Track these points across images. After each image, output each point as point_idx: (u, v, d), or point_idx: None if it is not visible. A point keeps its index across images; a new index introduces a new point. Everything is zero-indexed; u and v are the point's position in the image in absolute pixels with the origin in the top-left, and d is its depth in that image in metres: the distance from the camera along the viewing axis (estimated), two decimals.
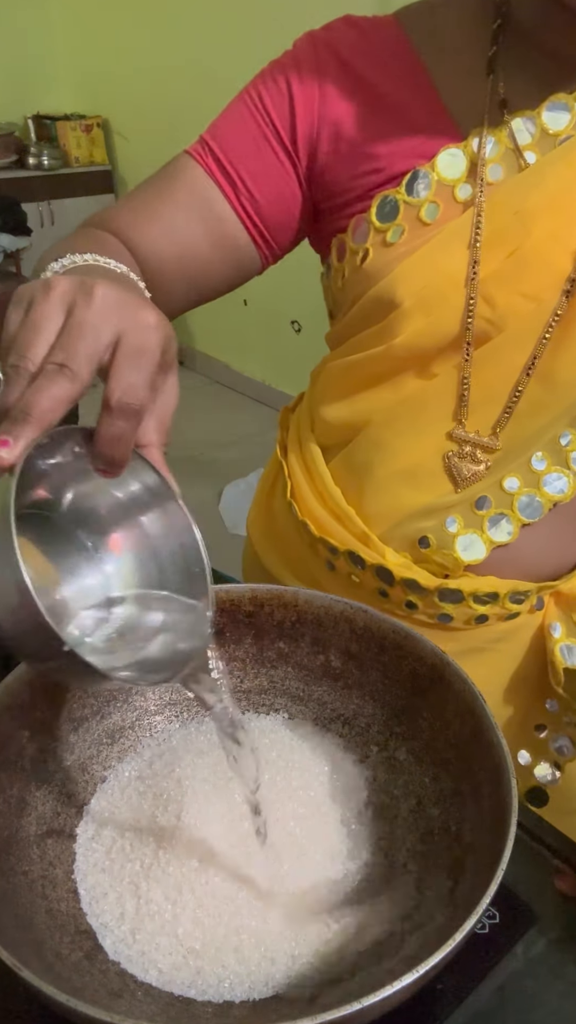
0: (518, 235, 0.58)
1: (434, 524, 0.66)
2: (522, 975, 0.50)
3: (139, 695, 0.60)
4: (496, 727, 0.47)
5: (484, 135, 0.59)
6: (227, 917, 0.46)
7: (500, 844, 0.41)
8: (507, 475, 0.64)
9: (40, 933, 0.44)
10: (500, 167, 0.59)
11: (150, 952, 0.45)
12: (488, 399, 0.62)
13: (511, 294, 0.59)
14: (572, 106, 0.57)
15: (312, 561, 0.74)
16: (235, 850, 0.49)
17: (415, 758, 0.54)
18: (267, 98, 0.64)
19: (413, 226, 0.61)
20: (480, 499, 0.65)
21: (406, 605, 0.68)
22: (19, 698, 0.52)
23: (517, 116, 0.59)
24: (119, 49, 3.79)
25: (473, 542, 0.66)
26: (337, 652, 0.59)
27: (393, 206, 0.61)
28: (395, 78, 0.62)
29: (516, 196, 0.58)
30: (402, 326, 0.61)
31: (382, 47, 0.62)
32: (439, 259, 0.60)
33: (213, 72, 3.25)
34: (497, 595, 0.66)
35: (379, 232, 0.62)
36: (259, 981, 0.44)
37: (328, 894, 0.48)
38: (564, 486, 0.64)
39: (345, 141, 0.62)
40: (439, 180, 0.60)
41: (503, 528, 0.65)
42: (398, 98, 0.61)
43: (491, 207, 0.58)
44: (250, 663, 0.61)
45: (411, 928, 0.45)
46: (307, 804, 0.52)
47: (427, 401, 0.64)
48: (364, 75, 0.62)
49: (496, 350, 0.60)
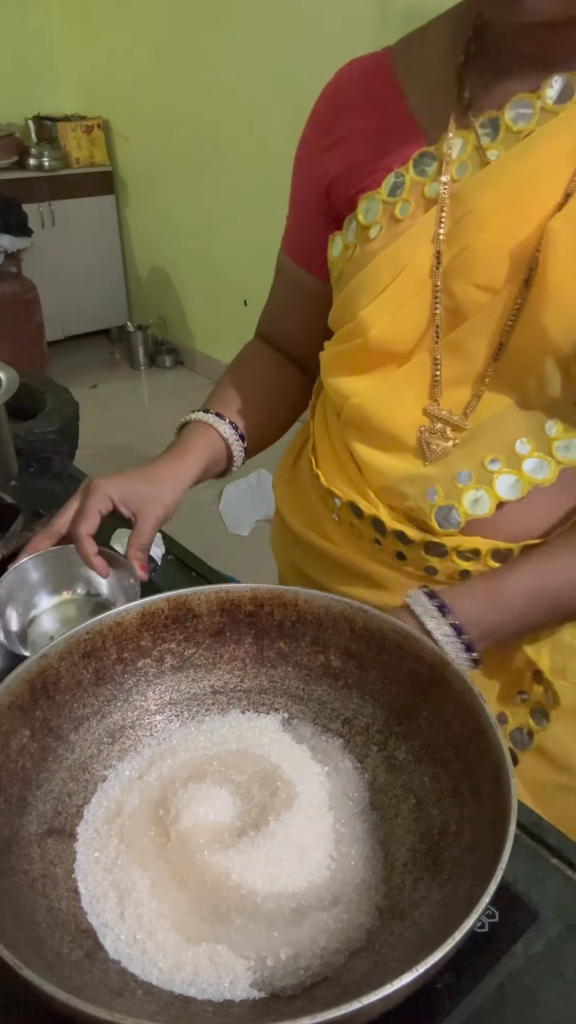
0: (471, 231, 0.62)
1: (416, 492, 0.70)
2: (521, 974, 0.50)
3: (139, 695, 0.60)
4: (496, 727, 0.47)
5: (452, 136, 0.63)
6: (227, 916, 0.46)
7: (500, 843, 0.41)
8: (489, 456, 0.67)
9: (41, 932, 0.44)
10: (466, 165, 0.63)
11: (150, 951, 0.45)
12: (459, 381, 0.67)
13: (466, 285, 0.63)
14: (535, 103, 0.60)
15: (321, 511, 0.80)
16: (235, 849, 0.49)
17: (415, 758, 0.55)
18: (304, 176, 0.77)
19: (388, 223, 0.66)
20: (460, 473, 0.68)
21: (396, 556, 0.73)
22: (19, 698, 0.52)
23: (483, 116, 0.62)
24: (119, 50, 3.79)
25: (451, 512, 0.69)
26: (337, 652, 0.59)
27: (375, 206, 0.67)
28: (377, 105, 0.69)
29: (473, 194, 0.62)
30: (374, 319, 0.66)
31: (370, 81, 0.70)
32: (404, 255, 0.65)
33: (213, 73, 3.25)
34: (479, 552, 0.69)
35: (364, 229, 0.68)
36: (259, 980, 0.44)
37: (328, 893, 0.48)
38: (546, 472, 0.66)
39: (341, 168, 0.71)
40: (411, 180, 0.65)
41: (482, 503, 0.68)
42: (379, 121, 0.69)
43: (452, 204, 0.63)
44: (250, 663, 0.61)
45: (411, 927, 0.45)
46: (307, 804, 0.52)
47: (403, 384, 0.69)
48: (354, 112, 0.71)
49: (462, 337, 0.65)
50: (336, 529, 0.78)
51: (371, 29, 2.48)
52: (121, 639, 0.58)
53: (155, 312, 4.31)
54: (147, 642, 0.59)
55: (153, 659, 0.60)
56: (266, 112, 3.03)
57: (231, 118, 3.26)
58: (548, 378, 0.62)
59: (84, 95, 4.19)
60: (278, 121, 2.99)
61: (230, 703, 0.61)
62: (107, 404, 3.77)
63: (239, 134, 3.24)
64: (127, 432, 3.43)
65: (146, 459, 0.78)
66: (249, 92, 3.10)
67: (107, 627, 0.57)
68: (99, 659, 0.57)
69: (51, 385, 1.47)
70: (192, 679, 0.61)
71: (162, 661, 0.60)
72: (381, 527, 0.72)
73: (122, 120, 4.03)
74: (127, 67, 3.80)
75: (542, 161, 0.59)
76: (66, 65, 4.22)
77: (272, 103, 2.98)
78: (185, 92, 3.47)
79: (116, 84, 3.95)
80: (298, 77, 2.79)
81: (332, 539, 0.79)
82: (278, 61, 2.90)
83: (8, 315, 3.60)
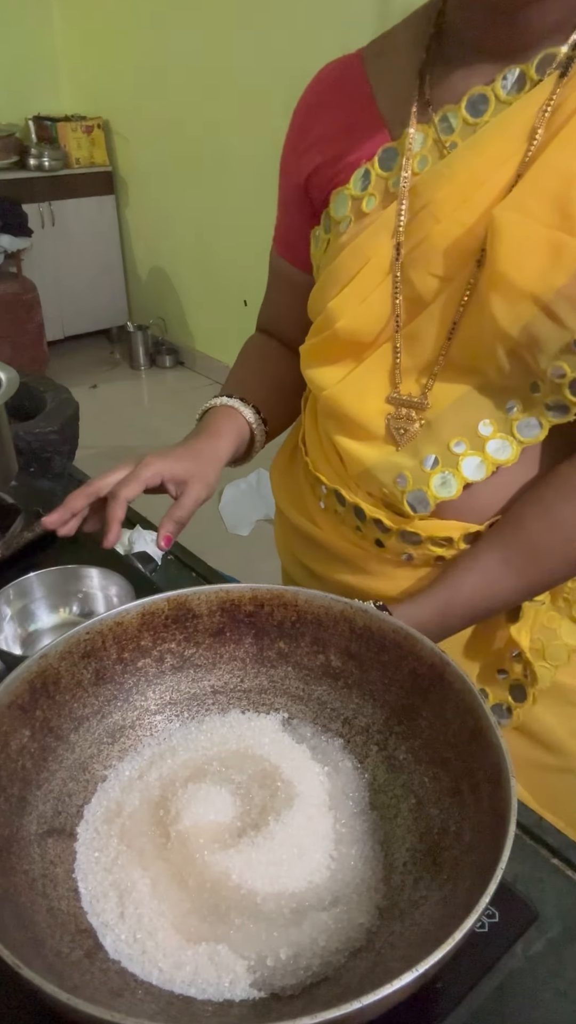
0: (427, 223, 0.64)
1: (388, 478, 0.72)
2: (521, 974, 0.50)
3: (139, 695, 0.60)
4: (496, 727, 0.47)
5: (413, 131, 0.65)
6: (227, 916, 0.46)
7: (499, 843, 0.41)
8: (454, 438, 0.69)
9: (41, 932, 0.44)
10: (427, 159, 0.65)
11: (150, 951, 0.45)
12: (417, 366, 0.69)
13: (425, 276, 0.65)
14: (490, 96, 0.63)
15: (311, 499, 0.82)
16: (235, 849, 0.49)
17: (415, 758, 0.55)
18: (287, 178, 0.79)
19: (356, 217, 0.69)
20: (427, 458, 0.70)
21: (375, 543, 0.75)
22: (20, 697, 0.52)
23: (442, 111, 0.64)
24: (119, 50, 3.79)
25: (421, 497, 0.71)
26: (337, 652, 0.59)
27: (345, 200, 0.70)
28: (348, 104, 0.71)
29: (430, 186, 0.63)
30: (341, 311, 0.69)
31: (342, 82, 0.73)
32: (368, 247, 0.67)
33: (213, 73, 3.25)
34: (452, 539, 0.72)
35: (336, 223, 0.71)
36: (259, 980, 0.44)
37: (328, 893, 0.48)
38: (508, 452, 0.68)
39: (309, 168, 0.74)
40: (377, 174, 0.67)
41: (449, 485, 0.70)
42: (350, 119, 0.71)
43: (411, 197, 0.65)
44: (250, 663, 0.61)
45: (411, 927, 0.45)
46: (307, 804, 0.52)
47: (369, 373, 0.71)
48: (328, 113, 0.73)
49: (420, 325, 0.67)
50: (323, 516, 0.81)
51: (371, 29, 2.48)
52: (121, 639, 0.58)
53: (155, 312, 4.31)
54: (147, 642, 0.59)
55: (153, 659, 0.60)
56: (266, 112, 3.03)
57: (231, 118, 3.26)
58: (502, 362, 0.64)
59: (84, 95, 4.19)
60: (278, 121, 2.98)
61: (230, 703, 0.61)
62: (107, 404, 3.77)
63: (239, 134, 3.24)
64: (127, 432, 3.43)
65: None
66: (249, 92, 3.10)
67: (107, 627, 0.57)
68: (99, 659, 0.57)
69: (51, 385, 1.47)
70: (192, 679, 0.61)
71: (162, 661, 0.60)
72: (361, 514, 0.74)
73: (122, 120, 4.03)
74: (127, 67, 3.81)
75: (493, 152, 0.61)
76: (66, 65, 4.22)
77: (272, 103, 2.98)
78: (185, 92, 3.47)
79: (116, 84, 3.95)
80: (298, 77, 2.78)
81: (320, 525, 0.81)
82: (279, 61, 2.90)
83: (8, 315, 3.60)
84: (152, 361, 4.23)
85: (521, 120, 0.60)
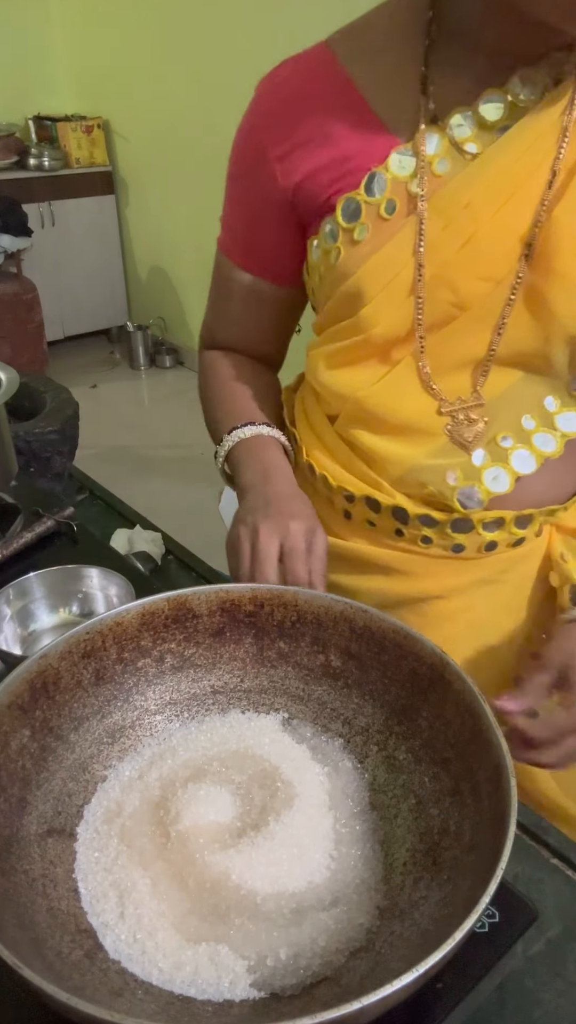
0: (469, 226, 0.63)
1: (435, 477, 0.71)
2: (521, 974, 0.50)
3: (139, 695, 0.60)
4: (496, 727, 0.47)
5: (426, 133, 0.64)
6: (227, 916, 0.46)
7: (500, 843, 0.41)
8: (501, 433, 0.70)
9: (41, 932, 0.44)
10: (446, 161, 0.64)
11: (150, 951, 0.45)
12: (462, 366, 0.69)
13: (470, 280, 0.65)
14: (505, 98, 0.63)
15: (328, 514, 0.80)
16: (235, 849, 0.49)
17: (415, 758, 0.55)
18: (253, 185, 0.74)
19: (375, 223, 0.67)
20: (475, 453, 0.71)
21: (422, 540, 0.74)
22: (20, 697, 0.52)
23: (455, 112, 0.64)
24: (119, 50, 3.79)
25: (473, 492, 0.71)
26: (337, 652, 0.59)
27: (356, 206, 0.67)
28: (334, 105, 0.68)
29: (463, 190, 0.63)
30: (377, 318, 0.68)
31: (315, 80, 0.69)
32: (400, 253, 0.66)
33: (213, 73, 3.25)
34: (503, 520, 0.72)
35: (347, 231, 0.68)
36: (259, 980, 0.44)
37: (327, 893, 0.48)
38: (553, 446, 0.71)
39: (300, 173, 0.70)
40: (393, 178, 0.66)
41: (501, 480, 0.71)
42: (338, 120, 0.68)
43: (442, 201, 0.64)
44: (250, 663, 0.61)
45: (411, 927, 0.45)
46: (307, 804, 0.52)
47: (405, 372, 0.71)
48: (305, 114, 0.69)
49: (460, 325, 0.67)
50: (347, 527, 0.79)
51: None
52: (121, 639, 0.58)
53: (155, 312, 4.31)
54: (147, 642, 0.59)
55: (153, 659, 0.60)
56: None
57: (231, 118, 3.25)
58: (553, 357, 0.66)
59: (84, 95, 4.19)
60: None
61: (230, 703, 0.61)
62: (107, 404, 3.77)
63: None
64: (127, 432, 3.43)
65: (146, 459, 0.79)
66: (249, 92, 3.09)
67: (107, 627, 0.57)
68: (99, 659, 0.57)
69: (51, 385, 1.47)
70: (192, 679, 0.61)
71: (162, 661, 0.60)
72: (403, 515, 0.73)
73: (122, 120, 4.03)
74: (127, 67, 3.80)
75: (526, 153, 0.62)
76: (66, 65, 4.22)
77: None
78: (185, 92, 3.46)
79: (116, 84, 3.95)
80: None
81: (345, 537, 0.79)
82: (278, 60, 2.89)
83: (8, 315, 3.60)
84: (152, 361, 4.23)
85: (548, 121, 0.61)
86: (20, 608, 0.81)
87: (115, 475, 2.57)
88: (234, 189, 0.77)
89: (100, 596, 0.84)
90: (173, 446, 3.26)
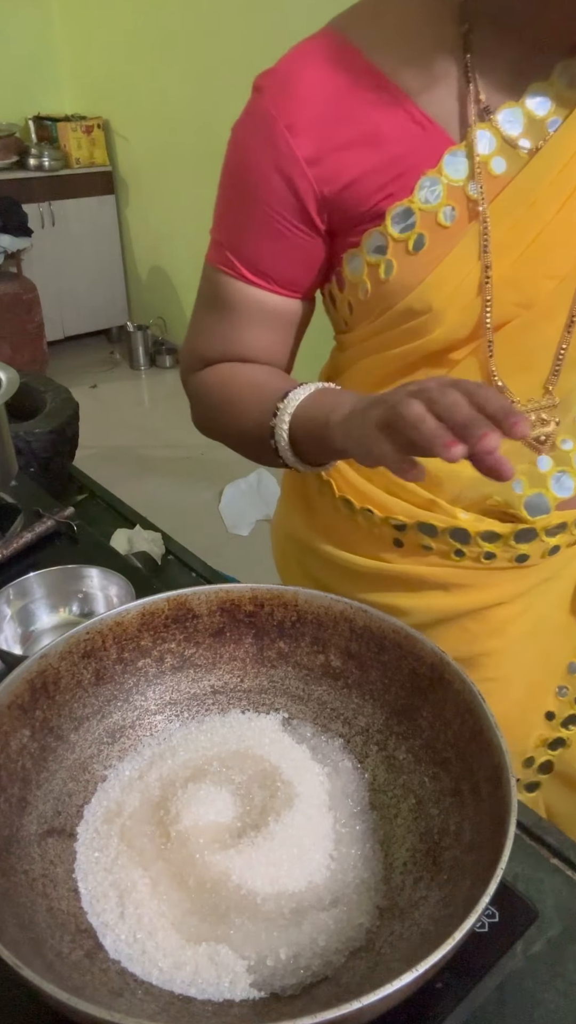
0: (535, 225, 0.61)
1: (500, 487, 0.70)
2: (521, 974, 0.50)
3: (139, 695, 0.60)
4: (496, 727, 0.47)
5: (477, 130, 0.61)
6: (227, 916, 0.46)
7: (500, 843, 0.41)
8: (560, 436, 0.70)
9: (41, 932, 0.44)
10: (501, 159, 0.62)
11: (150, 951, 0.45)
12: (525, 366, 0.67)
13: (537, 278, 0.63)
14: (549, 91, 0.61)
15: (375, 545, 0.76)
16: (235, 850, 0.49)
17: (415, 758, 0.55)
18: (264, 192, 0.65)
19: (433, 232, 0.63)
20: (540, 459, 0.70)
21: (484, 557, 0.72)
22: (20, 697, 0.52)
23: (503, 108, 0.61)
24: (119, 50, 3.79)
25: (540, 499, 0.70)
26: (337, 652, 0.59)
27: (408, 215, 0.62)
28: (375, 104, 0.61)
29: (528, 190, 0.61)
30: (438, 324, 0.64)
31: (347, 79, 0.61)
32: (466, 260, 0.63)
33: (213, 73, 3.25)
34: (566, 524, 0.72)
35: (398, 242, 0.63)
36: (259, 980, 0.44)
37: (327, 893, 0.48)
38: None
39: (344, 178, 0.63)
40: (448, 183, 0.62)
41: (565, 484, 0.71)
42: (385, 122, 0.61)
43: (506, 203, 0.61)
44: (250, 663, 0.61)
45: (410, 927, 0.45)
46: (307, 804, 0.52)
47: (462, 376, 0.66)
48: (339, 115, 0.61)
49: (525, 325, 0.65)
50: (396, 553, 0.75)
51: None
52: (121, 639, 0.58)
53: (155, 312, 4.31)
54: (147, 642, 0.59)
55: (153, 659, 0.60)
56: None
57: (231, 118, 3.26)
58: None
59: (84, 95, 4.19)
60: None
61: (230, 703, 0.61)
62: (107, 404, 3.77)
63: None
64: (127, 432, 3.42)
65: (146, 459, 0.78)
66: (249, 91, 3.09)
67: (107, 627, 0.57)
68: (99, 659, 0.57)
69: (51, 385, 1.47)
70: (192, 679, 0.61)
71: (162, 661, 0.60)
72: (463, 536, 0.71)
73: (122, 120, 4.03)
74: (127, 67, 3.80)
75: None
76: (66, 65, 4.22)
77: None
78: (185, 92, 3.46)
79: (116, 84, 3.95)
80: None
81: (393, 561, 0.75)
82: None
83: (8, 315, 3.60)
84: (152, 361, 4.23)
85: None
86: (20, 608, 0.81)
87: (115, 475, 2.57)
88: (239, 199, 0.68)
89: (100, 596, 0.84)
90: (173, 446, 3.26)
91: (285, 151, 0.63)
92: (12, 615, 0.81)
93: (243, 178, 0.67)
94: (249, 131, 0.66)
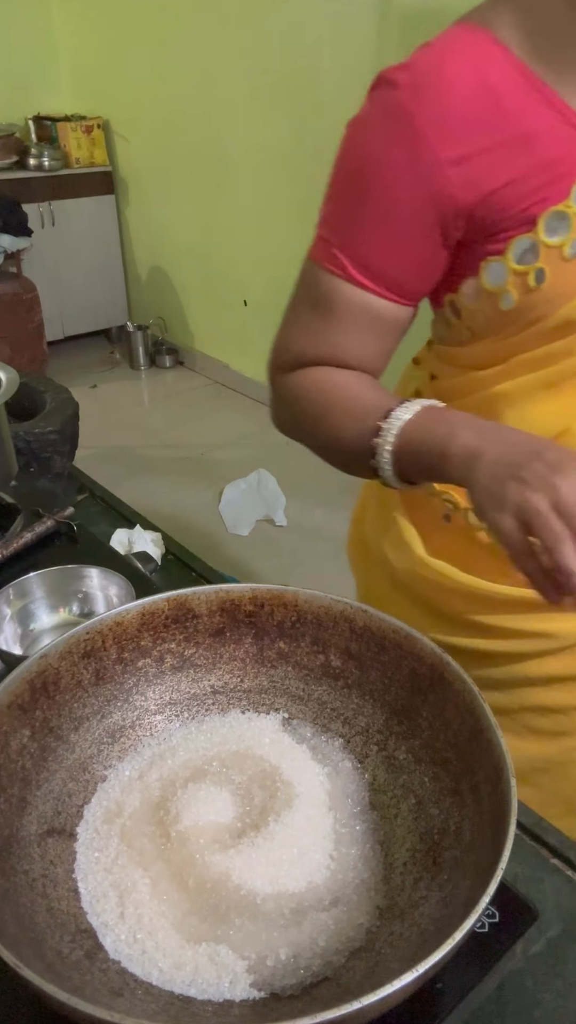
0: None
1: None
2: (521, 974, 0.50)
3: (139, 695, 0.60)
4: (496, 727, 0.47)
5: None
6: (227, 916, 0.46)
7: (499, 843, 0.41)
8: None
9: (41, 932, 0.44)
10: None
11: (150, 951, 0.46)
12: None
13: None
14: None
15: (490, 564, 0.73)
16: (235, 850, 0.49)
17: (415, 758, 0.55)
18: (393, 192, 0.62)
19: None
20: None
21: None
22: (20, 697, 0.52)
23: None
24: (119, 50, 3.79)
25: None
26: (337, 652, 0.59)
27: (565, 220, 0.60)
28: (527, 105, 0.59)
29: None
30: None
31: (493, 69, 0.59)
32: None
33: (214, 73, 3.25)
34: None
35: (552, 248, 0.61)
36: (259, 980, 0.44)
37: (327, 893, 0.48)
38: None
39: (492, 182, 0.60)
40: None
41: None
42: (538, 124, 0.59)
43: None
44: (250, 663, 0.61)
45: (410, 927, 0.45)
46: (306, 804, 0.52)
47: None
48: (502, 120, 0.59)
49: None
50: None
51: (371, 29, 2.48)
52: (121, 639, 0.58)
53: (155, 312, 4.31)
54: (147, 642, 0.59)
55: (153, 659, 0.60)
56: (266, 112, 3.03)
57: (231, 118, 3.26)
58: None
59: (84, 95, 4.19)
60: (278, 121, 2.99)
61: (230, 703, 0.61)
62: (107, 404, 3.77)
63: (239, 134, 3.24)
64: (127, 432, 3.42)
65: (146, 459, 0.77)
66: (249, 92, 3.09)
67: (107, 627, 0.57)
68: (99, 659, 0.57)
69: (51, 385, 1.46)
70: (192, 679, 0.61)
71: (162, 661, 0.60)
72: None
73: (122, 120, 4.03)
74: (127, 67, 3.80)
75: None
76: (66, 65, 4.22)
77: (272, 103, 2.98)
78: (185, 92, 3.46)
79: (116, 84, 3.95)
80: (299, 77, 2.79)
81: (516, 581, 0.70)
82: (279, 60, 2.89)
83: (8, 315, 3.60)
84: (152, 361, 4.23)
85: None
86: (20, 608, 0.81)
87: (115, 475, 2.57)
88: (357, 198, 0.64)
89: (100, 596, 0.84)
90: (173, 446, 3.25)
91: (424, 151, 0.59)
92: (12, 615, 0.80)
93: (365, 177, 0.63)
94: (377, 127, 0.61)
